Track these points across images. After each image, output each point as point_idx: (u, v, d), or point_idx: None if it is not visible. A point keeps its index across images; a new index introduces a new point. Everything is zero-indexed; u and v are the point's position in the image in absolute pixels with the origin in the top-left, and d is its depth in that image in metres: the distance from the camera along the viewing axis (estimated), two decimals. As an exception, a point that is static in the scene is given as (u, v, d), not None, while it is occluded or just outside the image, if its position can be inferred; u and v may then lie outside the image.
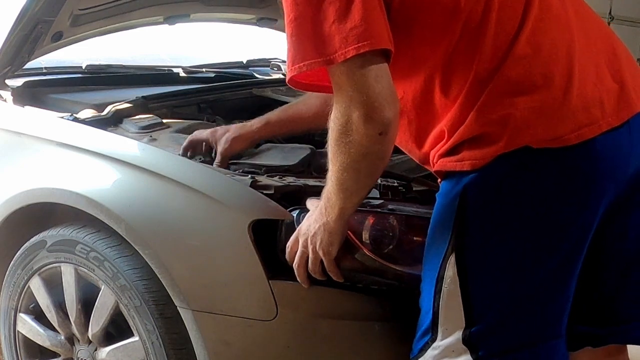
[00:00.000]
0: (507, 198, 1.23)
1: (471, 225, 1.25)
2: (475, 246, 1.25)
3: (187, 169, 1.67)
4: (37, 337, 1.91)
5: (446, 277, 1.27)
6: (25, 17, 1.99)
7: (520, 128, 1.21)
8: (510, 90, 1.23)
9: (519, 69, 1.23)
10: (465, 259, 1.25)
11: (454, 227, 1.25)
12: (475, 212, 1.24)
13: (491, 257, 1.25)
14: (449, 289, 1.27)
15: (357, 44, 1.17)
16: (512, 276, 1.26)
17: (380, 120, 1.20)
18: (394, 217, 1.47)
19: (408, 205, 1.53)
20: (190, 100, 2.36)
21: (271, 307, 1.48)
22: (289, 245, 1.44)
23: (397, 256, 1.45)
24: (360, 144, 1.22)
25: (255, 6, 2.83)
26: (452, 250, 1.26)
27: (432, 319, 1.30)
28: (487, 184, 1.23)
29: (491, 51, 1.24)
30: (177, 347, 1.62)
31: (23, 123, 1.99)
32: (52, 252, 1.78)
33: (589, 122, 1.23)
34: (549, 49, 1.25)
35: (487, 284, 1.26)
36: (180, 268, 1.57)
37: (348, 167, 1.26)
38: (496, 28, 1.25)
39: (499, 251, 1.25)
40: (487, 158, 1.22)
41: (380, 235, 1.46)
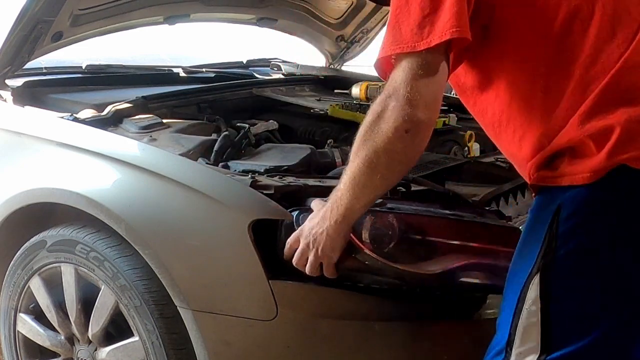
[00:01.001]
0: (602, 223, 1.16)
1: (561, 246, 1.17)
2: (563, 269, 1.18)
3: (187, 169, 1.67)
4: (37, 337, 1.91)
5: (528, 298, 1.21)
6: (25, 17, 1.99)
7: (624, 141, 1.13)
8: (616, 99, 1.16)
9: (632, 77, 1.16)
10: (551, 282, 1.19)
11: (542, 245, 1.19)
12: (567, 233, 1.17)
13: (577, 284, 1.18)
14: (529, 311, 1.21)
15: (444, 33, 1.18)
16: (597, 307, 1.18)
17: (412, 117, 1.19)
18: (394, 216, 1.47)
19: (407, 204, 1.53)
20: (190, 100, 2.36)
21: (271, 307, 1.48)
22: (289, 242, 1.44)
23: (397, 255, 1.45)
24: (386, 136, 1.21)
25: (255, 6, 2.84)
26: (537, 270, 1.19)
27: (508, 339, 1.24)
28: (583, 205, 1.16)
29: (599, 56, 1.18)
30: (177, 347, 1.62)
31: (23, 123, 1.99)
32: (52, 252, 1.78)
33: None
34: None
35: (570, 311, 1.19)
36: (180, 268, 1.57)
37: (367, 160, 1.24)
38: (606, 31, 1.19)
39: (586, 278, 1.18)
40: (586, 172, 1.15)
41: (380, 234, 1.45)
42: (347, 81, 2.83)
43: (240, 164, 1.82)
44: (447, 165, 1.85)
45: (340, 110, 2.28)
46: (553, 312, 1.20)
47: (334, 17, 3.09)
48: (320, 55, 3.33)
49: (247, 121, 2.23)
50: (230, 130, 2.07)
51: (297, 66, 3.07)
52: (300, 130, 2.37)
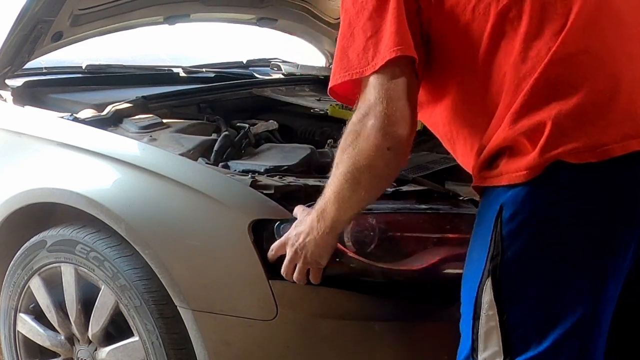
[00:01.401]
0: (544, 220, 1.15)
1: (507, 248, 1.16)
2: (512, 271, 1.17)
3: (187, 169, 1.67)
4: (37, 337, 1.91)
5: (484, 303, 1.20)
6: (25, 17, 1.99)
7: (555, 136, 1.12)
8: (546, 95, 1.14)
9: (560, 70, 1.14)
10: (502, 285, 1.17)
11: (490, 248, 1.18)
12: (511, 234, 1.16)
13: (529, 285, 1.17)
14: (487, 315, 1.20)
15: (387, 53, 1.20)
16: (554, 306, 1.17)
17: (392, 134, 1.19)
18: (373, 217, 1.48)
19: (383, 203, 1.54)
20: (190, 100, 2.36)
21: (271, 307, 1.48)
22: (273, 248, 1.45)
23: (380, 254, 1.45)
24: (367, 154, 1.21)
25: (255, 6, 2.84)
26: (488, 273, 1.18)
27: (472, 345, 1.23)
28: (524, 204, 1.15)
29: (528, 54, 1.17)
30: (177, 347, 1.62)
31: (23, 123, 1.99)
32: (52, 252, 1.78)
33: (637, 134, 1.12)
34: (597, 51, 1.16)
35: (525, 312, 1.18)
36: (180, 268, 1.57)
37: (349, 176, 1.25)
38: (535, 29, 1.18)
39: (537, 278, 1.17)
40: (522, 170, 1.14)
41: (362, 236, 1.46)
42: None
43: (240, 164, 1.82)
44: (447, 165, 1.85)
45: (340, 110, 2.28)
46: (509, 315, 1.18)
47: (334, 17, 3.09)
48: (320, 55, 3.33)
49: (247, 121, 2.23)
50: (230, 130, 2.07)
51: (297, 66, 3.07)
52: (300, 130, 2.37)
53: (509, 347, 1.19)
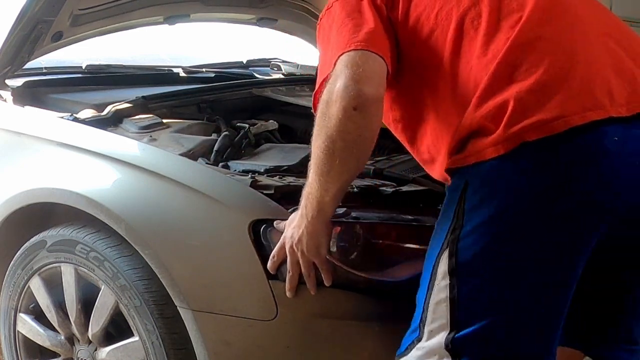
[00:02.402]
0: (504, 194, 1.17)
1: (467, 221, 1.20)
2: (468, 244, 1.20)
3: (187, 169, 1.67)
4: (37, 337, 1.91)
5: (438, 273, 1.23)
6: (25, 17, 1.99)
7: (519, 111, 1.15)
8: (506, 78, 1.19)
9: (518, 55, 1.20)
10: (457, 256, 1.20)
11: (452, 222, 1.22)
12: (472, 207, 1.20)
13: (482, 258, 1.19)
14: (439, 286, 1.23)
15: (361, 43, 1.26)
16: (503, 281, 1.19)
17: (358, 92, 1.21)
18: (359, 226, 1.48)
19: (371, 212, 1.54)
20: (190, 100, 2.36)
21: (271, 307, 1.48)
22: (273, 254, 1.44)
23: (365, 264, 1.46)
24: (337, 118, 1.22)
25: (255, 6, 2.84)
26: (447, 245, 1.22)
27: (421, 317, 1.26)
28: (487, 180, 1.19)
29: (489, 47, 1.23)
30: (177, 347, 1.62)
31: (23, 123, 1.99)
32: (52, 252, 1.78)
33: (594, 107, 1.15)
34: (552, 36, 1.22)
35: (476, 286, 1.20)
36: (180, 268, 1.57)
37: (324, 147, 1.26)
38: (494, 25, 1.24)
39: (490, 253, 1.19)
40: (488, 147, 1.17)
41: (347, 244, 1.46)
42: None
43: (240, 164, 1.82)
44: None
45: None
46: (460, 288, 1.20)
47: (334, 17, 3.09)
48: (320, 55, 3.32)
49: (247, 121, 2.23)
50: (230, 130, 2.07)
51: (297, 66, 3.07)
52: (300, 130, 2.37)
53: (456, 321, 1.21)
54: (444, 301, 1.22)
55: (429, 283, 1.25)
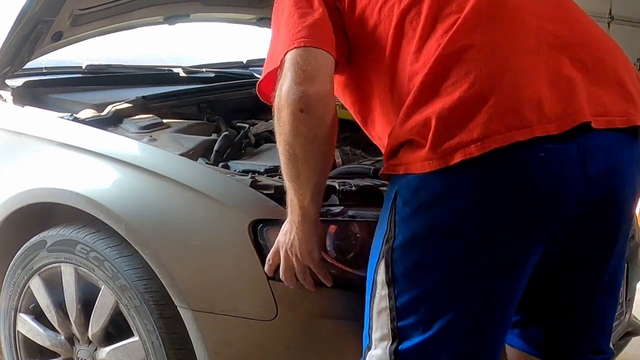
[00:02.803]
0: (431, 211, 1.16)
1: (399, 233, 1.19)
2: (401, 255, 1.19)
3: (187, 169, 1.67)
4: (37, 337, 1.91)
5: (377, 283, 1.22)
6: (25, 17, 1.99)
7: (442, 131, 1.12)
8: (432, 91, 1.15)
9: (444, 64, 1.15)
10: (393, 267, 1.20)
11: (386, 231, 1.21)
12: (402, 220, 1.19)
13: (415, 271, 1.18)
14: (380, 295, 1.22)
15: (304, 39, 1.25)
16: (437, 294, 1.17)
17: (300, 95, 1.21)
18: (356, 224, 1.48)
19: (368, 210, 1.54)
20: (190, 100, 2.36)
21: (271, 307, 1.48)
22: (269, 258, 1.44)
23: (361, 262, 1.45)
24: (288, 123, 1.22)
25: (255, 6, 2.84)
26: (382, 255, 1.21)
27: (368, 324, 1.25)
28: (415, 194, 1.17)
29: (421, 52, 1.20)
30: (177, 347, 1.62)
31: (23, 123, 1.99)
32: (52, 252, 1.78)
33: (519, 125, 1.10)
34: (484, 45, 1.16)
35: (413, 297, 1.19)
36: (180, 268, 1.57)
37: (286, 153, 1.26)
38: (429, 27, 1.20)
39: (422, 266, 1.18)
40: (417, 162, 1.16)
41: (344, 243, 1.46)
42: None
43: (240, 164, 1.82)
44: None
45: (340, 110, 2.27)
46: (398, 298, 1.19)
47: (334, 17, 3.09)
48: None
49: (247, 121, 2.23)
50: (230, 130, 2.07)
51: (297, 66, 3.06)
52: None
53: (397, 331, 1.20)
54: (384, 310, 1.22)
55: (371, 291, 1.25)
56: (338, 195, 1.59)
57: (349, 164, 1.96)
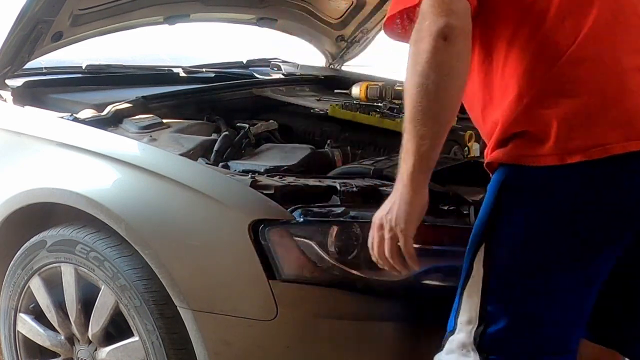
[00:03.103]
0: (540, 203, 1.23)
1: (504, 221, 1.26)
2: (503, 243, 1.26)
3: (187, 169, 1.67)
4: (37, 337, 1.91)
5: (474, 266, 1.28)
6: (25, 17, 1.99)
7: (564, 132, 1.20)
8: (559, 91, 1.22)
9: (572, 70, 1.22)
10: (492, 253, 1.26)
11: (488, 219, 1.27)
12: (509, 209, 1.25)
13: (516, 258, 1.25)
14: (473, 280, 1.28)
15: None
16: (533, 282, 1.25)
17: (445, 23, 1.21)
18: (358, 225, 1.48)
19: (370, 211, 1.54)
20: (190, 100, 2.36)
21: (271, 307, 1.48)
22: (370, 242, 1.34)
23: (363, 263, 1.46)
24: (427, 52, 1.21)
25: (255, 6, 2.84)
26: (483, 239, 1.27)
27: (456, 309, 1.31)
28: (525, 185, 1.24)
29: (547, 44, 1.25)
30: (177, 347, 1.62)
31: (23, 123, 1.99)
32: (52, 252, 1.78)
33: (637, 137, 1.20)
34: (609, 54, 1.24)
35: (507, 283, 1.26)
36: (180, 268, 1.57)
37: (418, 85, 1.22)
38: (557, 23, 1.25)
39: (524, 254, 1.25)
40: (531, 155, 1.22)
41: (346, 243, 1.46)
42: (347, 81, 2.84)
43: (240, 164, 1.82)
44: (447, 165, 1.85)
45: (340, 110, 2.28)
46: (492, 283, 1.26)
47: (334, 17, 3.09)
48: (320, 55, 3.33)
49: (247, 121, 2.23)
50: (230, 130, 2.07)
51: (297, 66, 3.07)
52: (300, 130, 2.37)
53: (485, 315, 1.26)
54: (475, 294, 1.27)
55: (465, 275, 1.30)
56: (340, 196, 1.59)
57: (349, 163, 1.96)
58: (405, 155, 1.26)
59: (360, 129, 2.24)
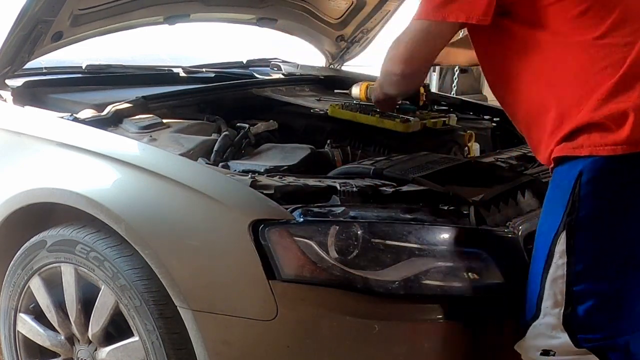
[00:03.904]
0: (618, 189, 1.35)
1: (583, 206, 1.35)
2: (585, 226, 1.36)
3: (187, 169, 1.67)
4: (37, 337, 1.91)
5: (556, 253, 1.37)
6: (25, 17, 1.99)
7: (637, 124, 1.31)
8: (627, 86, 1.33)
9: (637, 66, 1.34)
10: (575, 237, 1.36)
11: (567, 206, 1.36)
12: (587, 195, 1.35)
13: (598, 239, 1.36)
14: (556, 265, 1.37)
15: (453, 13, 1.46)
16: (617, 261, 1.36)
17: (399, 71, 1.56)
18: (358, 225, 1.48)
19: (369, 211, 1.54)
20: (190, 100, 2.36)
21: (271, 307, 1.48)
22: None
23: (362, 263, 1.46)
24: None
25: (255, 6, 2.84)
26: (563, 227, 1.37)
27: (538, 296, 1.40)
28: (602, 172, 1.34)
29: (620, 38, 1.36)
30: (177, 347, 1.62)
31: (23, 123, 1.99)
32: (52, 252, 1.78)
33: None
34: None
35: (592, 265, 1.36)
36: (180, 268, 1.57)
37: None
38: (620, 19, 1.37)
39: (606, 235, 1.36)
40: (604, 146, 1.33)
41: (346, 243, 1.46)
42: (347, 81, 2.83)
43: (240, 164, 1.82)
44: (447, 165, 1.85)
45: (340, 110, 2.28)
46: (577, 265, 1.36)
47: (334, 17, 3.09)
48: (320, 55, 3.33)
49: (247, 121, 2.23)
50: (230, 130, 2.07)
51: (297, 66, 3.07)
52: (300, 130, 2.37)
53: (572, 297, 1.37)
54: (560, 278, 1.37)
55: (545, 262, 1.39)
56: (339, 196, 1.59)
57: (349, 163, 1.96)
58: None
59: (360, 129, 2.24)
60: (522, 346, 1.46)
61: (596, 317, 1.37)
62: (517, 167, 1.95)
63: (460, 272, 1.48)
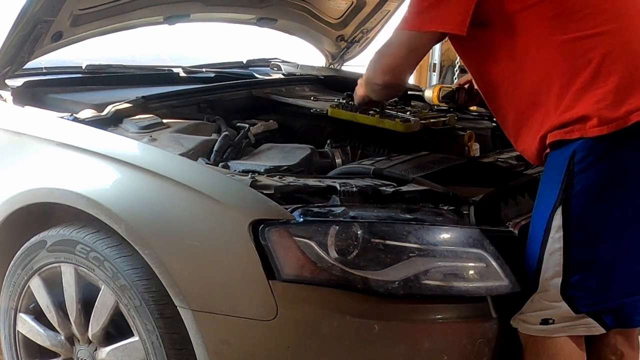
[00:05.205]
0: (608, 164, 1.42)
1: (577, 182, 1.43)
2: (579, 201, 1.43)
3: (187, 169, 1.67)
4: (37, 337, 1.91)
5: (553, 227, 1.45)
6: (25, 17, 1.99)
7: (615, 104, 1.41)
8: (610, 69, 1.43)
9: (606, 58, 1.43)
10: (570, 211, 1.43)
11: (562, 183, 1.44)
12: (581, 171, 1.42)
13: (593, 212, 1.43)
14: (553, 238, 1.45)
15: (431, 24, 1.56)
16: (609, 233, 1.43)
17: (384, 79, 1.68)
18: (358, 225, 1.48)
19: (369, 210, 1.54)
20: (190, 100, 2.36)
21: (271, 307, 1.48)
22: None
23: (362, 263, 1.46)
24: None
25: (255, 6, 2.84)
26: (559, 202, 1.44)
27: (536, 270, 1.47)
28: (594, 150, 1.41)
29: (590, 30, 1.46)
30: (177, 347, 1.62)
31: (23, 123, 1.99)
32: (52, 252, 1.78)
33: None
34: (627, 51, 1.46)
35: (588, 236, 1.44)
36: (180, 268, 1.57)
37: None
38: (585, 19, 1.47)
39: (600, 208, 1.43)
40: (591, 128, 1.41)
41: (345, 244, 1.46)
42: (347, 81, 2.83)
43: (240, 164, 1.82)
44: (447, 165, 1.85)
45: (340, 110, 2.28)
46: (574, 237, 1.44)
47: (334, 17, 3.09)
48: (320, 55, 3.33)
49: (247, 121, 2.23)
50: (230, 130, 2.07)
51: (297, 66, 3.07)
52: (300, 130, 2.37)
53: (568, 268, 1.44)
54: (558, 251, 1.45)
55: (542, 237, 1.47)
56: (339, 196, 1.59)
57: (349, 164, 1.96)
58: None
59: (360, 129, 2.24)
60: (519, 319, 1.51)
61: (592, 284, 1.45)
62: (517, 167, 1.95)
63: (460, 272, 1.49)
